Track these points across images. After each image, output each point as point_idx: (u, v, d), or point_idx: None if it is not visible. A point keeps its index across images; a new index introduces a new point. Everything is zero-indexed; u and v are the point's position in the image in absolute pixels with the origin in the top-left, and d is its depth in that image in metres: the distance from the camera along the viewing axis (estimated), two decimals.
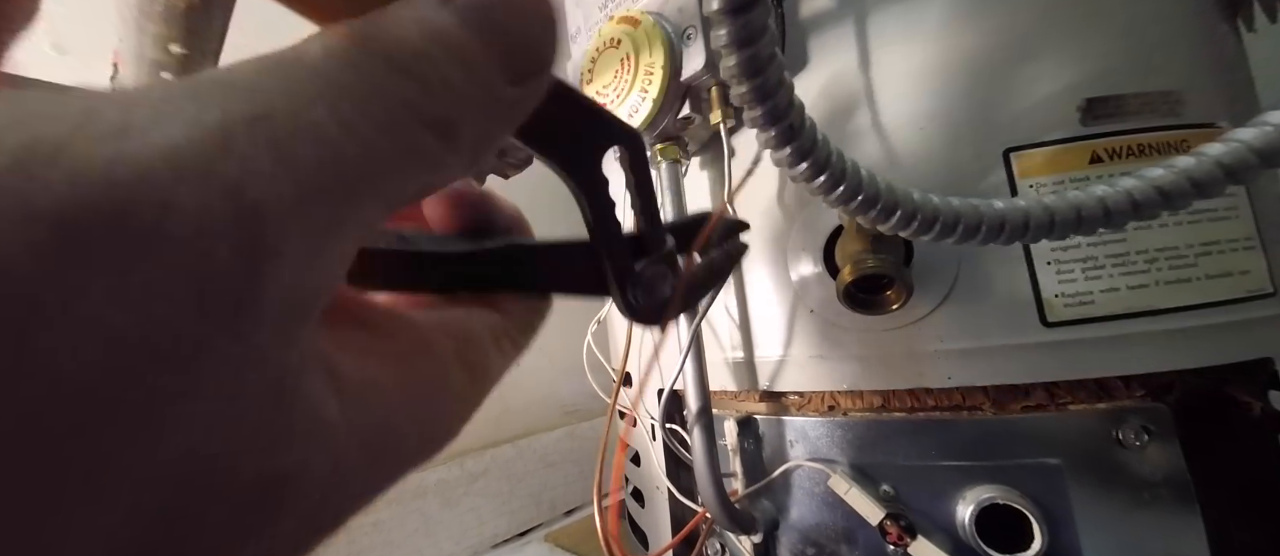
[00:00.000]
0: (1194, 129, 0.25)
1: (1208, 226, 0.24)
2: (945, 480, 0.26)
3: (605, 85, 0.29)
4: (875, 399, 0.28)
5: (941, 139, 0.26)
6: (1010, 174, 0.25)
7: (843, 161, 0.19)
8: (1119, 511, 0.24)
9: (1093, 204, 0.18)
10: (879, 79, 0.27)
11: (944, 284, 0.26)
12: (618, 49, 0.29)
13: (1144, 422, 0.24)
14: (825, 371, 0.28)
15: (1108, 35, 0.26)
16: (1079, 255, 0.24)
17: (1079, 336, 0.24)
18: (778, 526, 0.29)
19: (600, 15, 0.32)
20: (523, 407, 0.61)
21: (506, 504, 0.56)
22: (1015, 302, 0.25)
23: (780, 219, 0.29)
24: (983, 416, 0.25)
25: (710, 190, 0.32)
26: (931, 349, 0.26)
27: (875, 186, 0.19)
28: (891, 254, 0.25)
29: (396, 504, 0.49)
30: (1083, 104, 0.25)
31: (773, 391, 0.30)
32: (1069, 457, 0.24)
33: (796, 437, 0.29)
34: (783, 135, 0.18)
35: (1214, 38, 0.27)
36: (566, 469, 0.61)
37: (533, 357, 0.54)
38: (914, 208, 0.19)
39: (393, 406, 0.09)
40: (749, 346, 0.31)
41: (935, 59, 0.26)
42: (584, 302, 0.14)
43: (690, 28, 0.27)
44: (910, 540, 0.24)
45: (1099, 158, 0.25)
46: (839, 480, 0.26)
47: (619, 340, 0.38)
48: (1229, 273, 0.24)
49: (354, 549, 0.47)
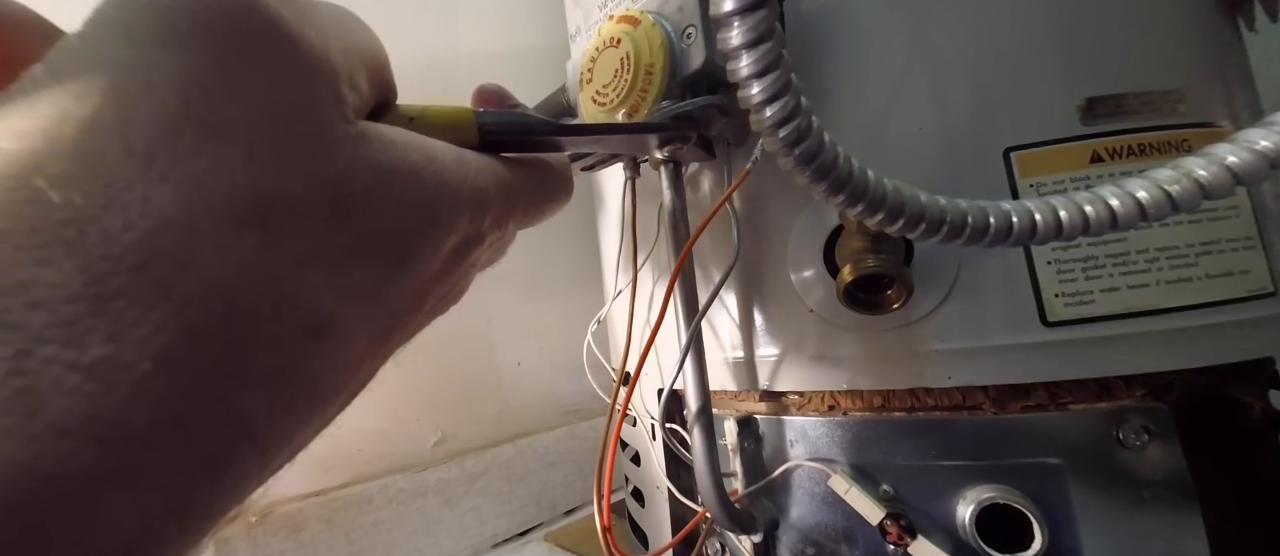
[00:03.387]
0: (1195, 128, 0.25)
1: (1208, 226, 0.24)
2: (945, 480, 0.26)
3: (605, 85, 0.29)
4: (875, 399, 0.28)
5: (941, 139, 0.26)
6: (1010, 174, 0.25)
7: (850, 164, 0.19)
8: (1119, 511, 0.24)
9: (1099, 208, 0.18)
10: (878, 79, 0.27)
11: (944, 283, 0.26)
12: (617, 49, 0.29)
13: (1144, 422, 0.23)
14: (825, 371, 0.28)
15: (1108, 34, 0.26)
16: (1079, 255, 0.24)
17: (1079, 336, 0.24)
18: (778, 526, 0.29)
19: (600, 14, 0.32)
20: (523, 407, 0.61)
21: (506, 504, 0.56)
22: (1015, 302, 0.25)
23: (780, 218, 0.29)
24: (983, 416, 0.25)
25: (710, 189, 0.32)
26: (931, 348, 0.26)
27: (882, 189, 0.19)
28: (892, 253, 0.25)
29: (396, 504, 0.49)
30: (1083, 103, 0.25)
31: (773, 391, 0.30)
32: (1069, 457, 0.24)
33: (796, 437, 0.29)
34: (790, 138, 0.18)
35: (1215, 37, 0.27)
36: (566, 469, 0.61)
37: (533, 357, 0.55)
38: (920, 210, 0.19)
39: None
40: (749, 346, 0.31)
41: (934, 58, 0.26)
42: (584, 302, 0.15)
43: (690, 27, 0.26)
44: (910, 540, 0.24)
45: (1100, 157, 0.25)
46: (839, 480, 0.26)
47: (619, 340, 0.38)
48: (1229, 272, 0.24)
49: (354, 548, 0.47)
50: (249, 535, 0.42)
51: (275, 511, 0.44)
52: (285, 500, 0.45)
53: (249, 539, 0.42)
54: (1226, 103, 0.26)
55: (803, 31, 0.28)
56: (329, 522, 0.46)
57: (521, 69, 0.63)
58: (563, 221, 0.22)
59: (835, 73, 0.28)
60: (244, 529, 0.42)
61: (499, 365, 0.60)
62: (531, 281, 0.64)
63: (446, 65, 0.60)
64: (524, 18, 0.66)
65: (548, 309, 0.64)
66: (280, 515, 0.44)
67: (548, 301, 0.64)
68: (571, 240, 0.65)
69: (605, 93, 0.29)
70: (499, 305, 0.61)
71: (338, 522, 0.46)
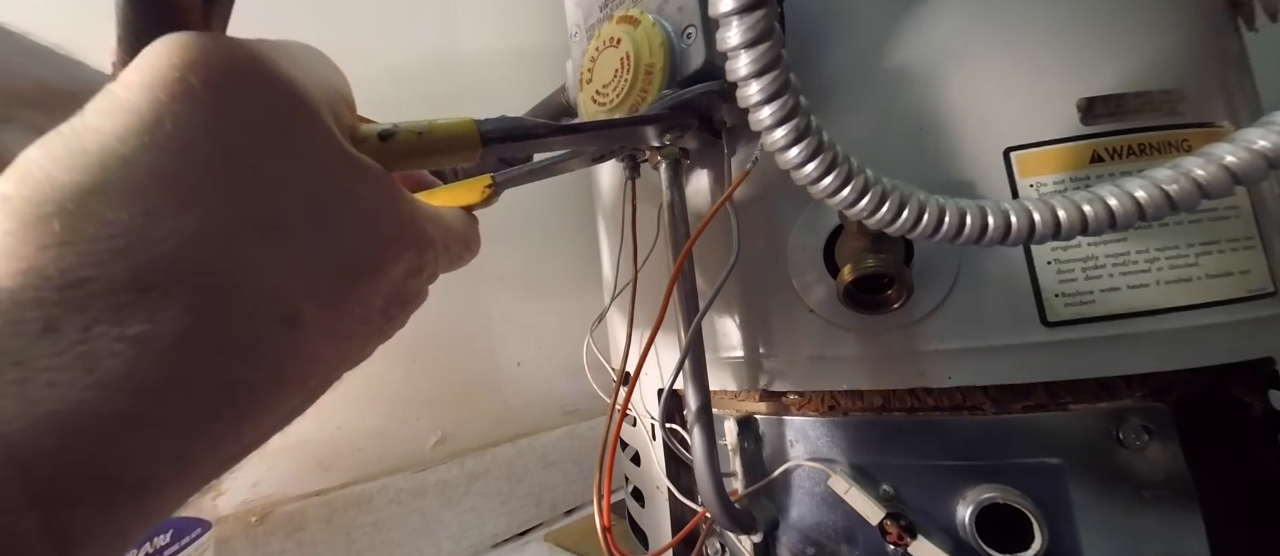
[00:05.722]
0: (1195, 128, 0.25)
1: (1208, 226, 0.24)
2: (945, 480, 0.26)
3: (605, 85, 0.29)
4: (875, 398, 0.28)
5: (941, 139, 0.26)
6: (1011, 174, 0.25)
7: (849, 163, 0.19)
8: (1119, 511, 0.24)
9: (1098, 208, 0.18)
10: (878, 78, 0.27)
11: (944, 283, 0.26)
12: (617, 48, 0.29)
13: (1144, 422, 0.24)
14: (825, 371, 0.28)
15: (1108, 34, 0.26)
16: (1079, 255, 0.24)
17: (1079, 336, 0.24)
18: (778, 526, 0.29)
19: (600, 14, 0.32)
20: (523, 407, 0.61)
21: (506, 504, 0.56)
22: (1016, 302, 0.25)
23: (780, 218, 0.29)
24: (983, 416, 0.25)
25: (710, 188, 0.32)
26: (931, 348, 0.26)
27: (882, 189, 0.19)
28: (892, 253, 0.25)
29: (396, 504, 0.49)
30: (1083, 103, 0.25)
31: (773, 391, 0.30)
32: (1069, 457, 0.24)
33: (796, 437, 0.29)
34: (790, 137, 0.18)
35: (1214, 37, 0.27)
36: (566, 469, 0.61)
37: (533, 357, 0.55)
38: (920, 210, 0.19)
39: None
40: (749, 346, 0.31)
41: (934, 57, 0.26)
42: (584, 302, 0.16)
43: (690, 27, 0.26)
44: (910, 540, 0.24)
45: (1100, 157, 0.25)
46: (839, 480, 0.26)
47: (619, 340, 0.38)
48: (1229, 272, 0.24)
49: (354, 549, 0.47)
50: (249, 535, 0.42)
51: (275, 511, 0.44)
52: (285, 500, 0.45)
53: (249, 539, 0.42)
54: (1226, 103, 0.26)
55: (802, 31, 0.28)
56: (329, 522, 0.46)
57: (521, 69, 0.63)
58: (563, 221, 0.22)
59: (835, 73, 0.28)
60: (244, 528, 0.42)
61: (499, 365, 0.60)
62: (531, 281, 0.64)
63: (446, 65, 0.60)
64: (524, 18, 0.66)
65: (548, 309, 0.64)
66: (280, 515, 0.44)
67: (548, 301, 0.64)
68: (571, 240, 0.65)
69: (605, 92, 0.29)
70: (499, 305, 0.61)
71: (338, 522, 0.46)
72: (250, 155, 0.12)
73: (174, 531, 0.33)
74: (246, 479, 0.44)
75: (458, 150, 0.18)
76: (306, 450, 0.47)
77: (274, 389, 0.13)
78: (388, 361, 0.21)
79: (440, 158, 0.18)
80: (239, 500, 0.43)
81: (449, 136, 0.18)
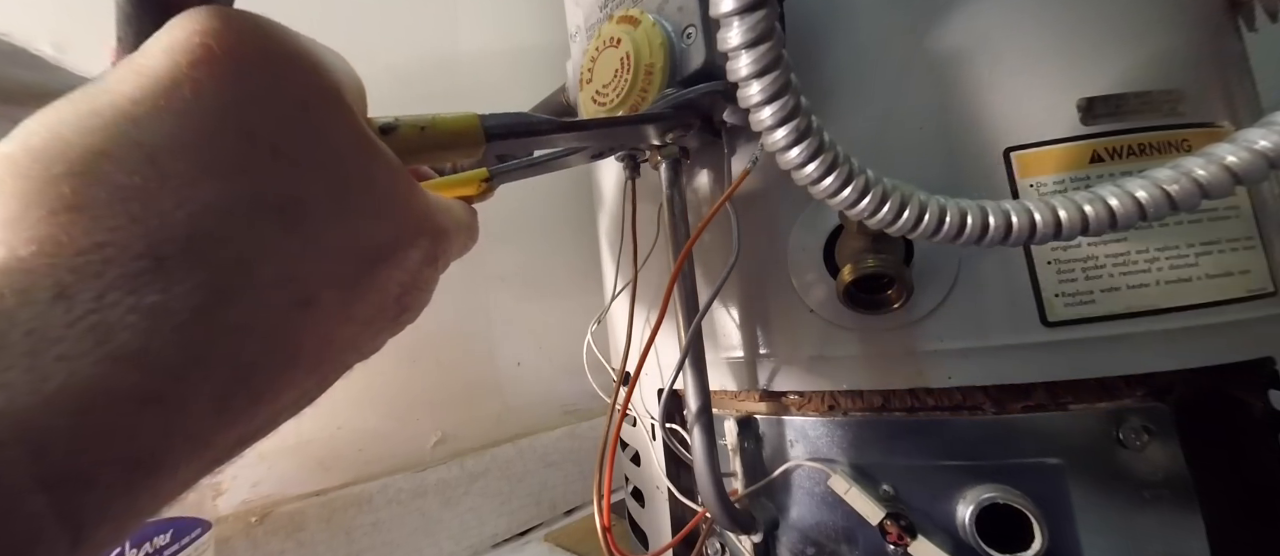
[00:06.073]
0: (1195, 128, 0.25)
1: (1208, 226, 0.24)
2: (945, 480, 0.26)
3: (605, 85, 0.29)
4: (875, 398, 0.28)
5: (941, 138, 0.26)
6: (1011, 174, 0.25)
7: (850, 164, 0.19)
8: (1119, 511, 0.24)
9: (1098, 208, 0.18)
10: (878, 79, 0.27)
11: (944, 283, 0.26)
12: (617, 48, 0.29)
13: (1145, 422, 0.23)
14: (825, 371, 0.28)
15: (1108, 34, 0.26)
16: (1079, 255, 0.24)
17: (1079, 336, 0.24)
18: (778, 526, 0.29)
19: (600, 14, 0.32)
20: (523, 407, 0.61)
21: (506, 504, 0.56)
22: (1016, 302, 0.25)
23: (780, 218, 0.29)
24: (983, 416, 0.25)
25: (710, 188, 0.32)
26: (932, 348, 0.26)
27: (882, 189, 0.19)
28: (892, 253, 0.25)
29: (396, 504, 0.49)
30: (1083, 103, 0.25)
31: (773, 391, 0.30)
32: (1069, 457, 0.24)
33: (796, 437, 0.29)
34: (791, 137, 0.18)
35: (1214, 37, 0.27)
36: (566, 469, 0.61)
37: (533, 357, 0.55)
38: (920, 210, 0.19)
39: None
40: (749, 346, 0.31)
41: (934, 58, 0.26)
42: (584, 302, 0.16)
43: (690, 27, 0.26)
44: (910, 540, 0.24)
45: (1100, 157, 0.25)
46: (839, 480, 0.26)
47: (619, 339, 0.38)
48: (1229, 272, 0.24)
49: (354, 549, 0.47)
50: (249, 535, 0.42)
51: (275, 511, 0.44)
52: (285, 500, 0.45)
53: (249, 539, 0.42)
54: (1226, 103, 0.26)
55: (803, 31, 0.28)
56: (329, 522, 0.46)
57: (521, 69, 0.63)
58: (563, 221, 0.22)
59: (835, 73, 0.28)
60: (244, 529, 0.42)
61: (499, 365, 0.60)
62: (531, 281, 0.64)
63: (446, 65, 0.60)
64: (524, 18, 0.66)
65: (548, 309, 0.64)
66: (280, 515, 0.44)
67: (548, 301, 0.64)
68: (571, 240, 0.65)
69: (605, 92, 0.29)
70: (499, 305, 0.61)
71: (338, 522, 0.46)
72: (271, 131, 0.12)
73: (174, 531, 0.33)
74: (246, 479, 0.44)
75: (460, 145, 0.18)
76: (306, 450, 0.47)
77: (287, 370, 0.13)
78: (388, 361, 0.21)
79: (443, 152, 0.18)
80: (239, 500, 0.43)
81: (452, 131, 0.18)
